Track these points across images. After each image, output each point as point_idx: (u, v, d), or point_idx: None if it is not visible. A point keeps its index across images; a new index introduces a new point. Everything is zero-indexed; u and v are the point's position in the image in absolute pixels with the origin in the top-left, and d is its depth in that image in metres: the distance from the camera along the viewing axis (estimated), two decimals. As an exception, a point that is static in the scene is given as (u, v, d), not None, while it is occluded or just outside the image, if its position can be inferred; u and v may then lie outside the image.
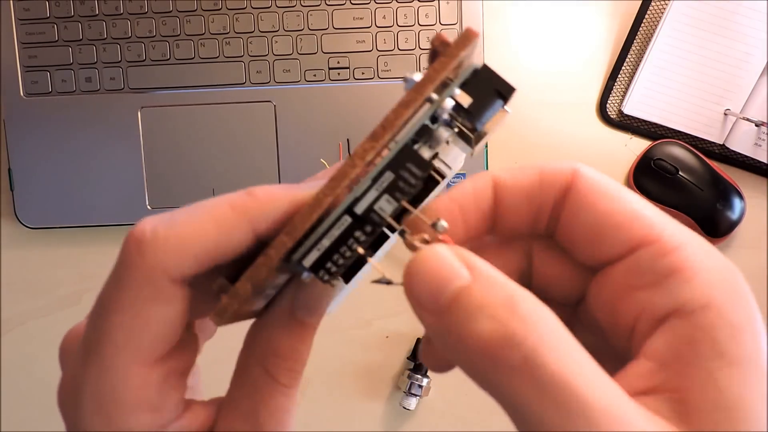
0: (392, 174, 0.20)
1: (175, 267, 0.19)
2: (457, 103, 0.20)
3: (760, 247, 0.60)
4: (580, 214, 0.20)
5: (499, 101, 0.21)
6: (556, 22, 0.59)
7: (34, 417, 0.60)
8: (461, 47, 0.20)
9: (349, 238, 0.20)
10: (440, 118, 0.21)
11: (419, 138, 0.21)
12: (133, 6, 0.57)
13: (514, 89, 0.20)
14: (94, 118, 0.57)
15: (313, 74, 0.57)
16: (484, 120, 0.21)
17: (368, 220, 0.20)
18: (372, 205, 0.20)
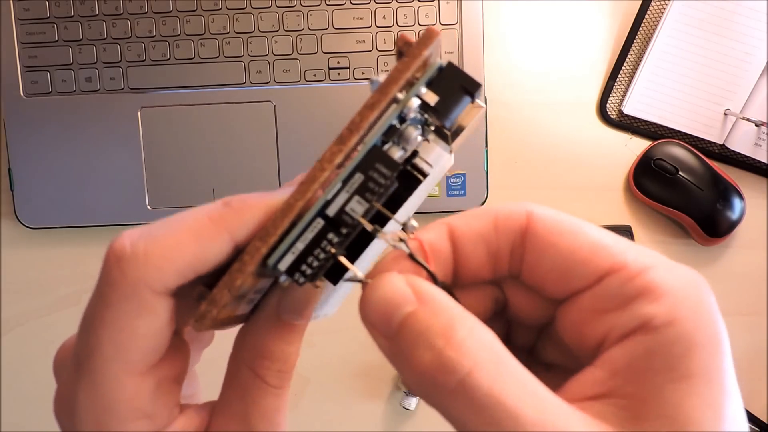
0: (362, 175, 0.20)
1: (156, 281, 0.19)
2: (424, 102, 0.21)
3: (760, 247, 0.60)
4: (543, 255, 0.20)
5: (466, 97, 0.21)
6: (556, 22, 0.59)
7: (34, 417, 0.60)
8: (423, 47, 0.20)
9: (322, 241, 0.20)
10: (408, 118, 0.21)
11: (388, 138, 0.21)
12: (133, 6, 0.57)
13: (479, 85, 0.21)
14: (94, 118, 0.57)
15: (313, 74, 0.57)
16: (452, 117, 0.21)
17: (341, 221, 0.20)
18: (343, 207, 0.20)
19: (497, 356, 0.18)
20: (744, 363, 0.60)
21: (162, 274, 0.19)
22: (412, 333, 0.18)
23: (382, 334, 0.19)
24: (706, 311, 0.18)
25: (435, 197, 0.57)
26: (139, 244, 0.20)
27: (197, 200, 0.57)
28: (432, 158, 0.23)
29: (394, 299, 0.19)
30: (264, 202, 0.21)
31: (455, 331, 0.18)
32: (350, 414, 0.60)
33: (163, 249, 0.20)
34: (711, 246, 0.59)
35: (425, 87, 0.21)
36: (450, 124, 0.21)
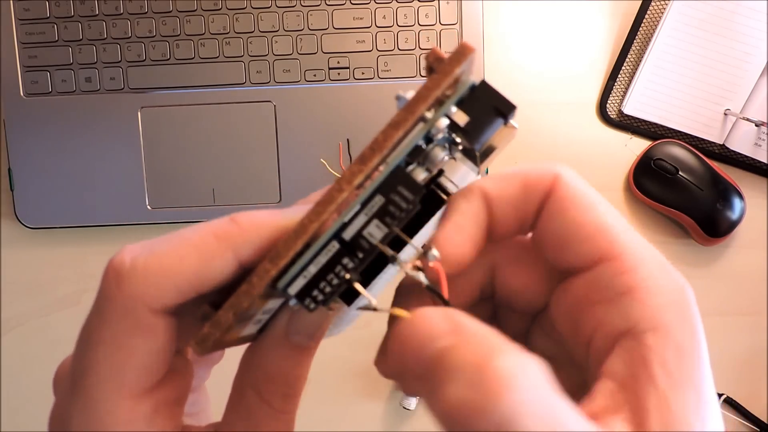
0: (382, 198, 0.19)
1: (155, 298, 0.19)
2: (453, 123, 0.19)
3: (760, 247, 0.60)
4: (553, 219, 0.20)
5: (499, 119, 0.20)
6: (556, 22, 0.59)
7: (34, 417, 0.60)
8: (455, 64, 0.19)
9: (336, 265, 0.19)
10: (435, 138, 0.20)
11: (413, 159, 0.20)
12: (133, 6, 0.57)
13: (514, 107, 0.19)
14: (94, 118, 0.57)
15: (313, 74, 0.57)
16: (482, 140, 0.20)
17: (357, 246, 0.19)
18: (361, 231, 0.19)
19: (542, 389, 0.16)
20: (744, 363, 0.60)
21: (160, 291, 0.19)
22: (446, 368, 0.16)
23: (413, 374, 0.17)
24: (688, 316, 0.19)
25: (435, 197, 0.57)
26: (138, 260, 0.19)
27: (197, 200, 0.57)
28: (458, 178, 0.22)
29: (431, 333, 0.17)
30: (274, 220, 0.20)
31: (496, 363, 0.16)
32: (350, 414, 0.60)
33: (163, 265, 0.19)
34: (711, 246, 0.59)
35: (455, 106, 0.19)
36: (479, 146, 0.20)
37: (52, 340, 0.60)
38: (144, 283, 0.18)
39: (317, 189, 0.26)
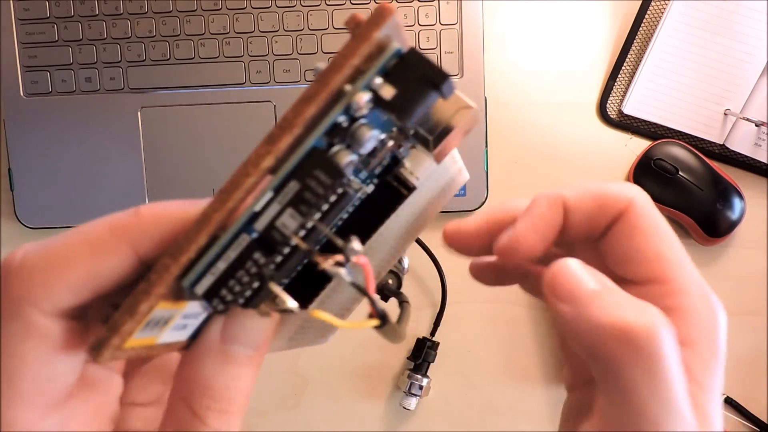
0: (297, 183, 0.17)
1: (43, 299, 0.17)
2: (377, 96, 0.17)
3: (760, 247, 0.60)
4: (621, 239, 0.23)
5: (432, 92, 0.17)
6: (556, 22, 0.59)
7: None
8: (374, 28, 0.16)
9: (247, 261, 0.17)
10: (357, 115, 0.17)
11: (335, 139, 0.17)
12: (133, 6, 0.57)
13: (446, 75, 0.17)
14: (94, 118, 0.57)
15: (313, 74, 0.57)
16: (413, 116, 0.17)
17: (270, 239, 0.17)
18: (273, 221, 0.17)
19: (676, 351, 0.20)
20: (744, 363, 0.60)
21: (50, 291, 0.17)
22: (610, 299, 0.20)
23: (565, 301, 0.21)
24: (716, 338, 0.22)
25: (435, 197, 0.57)
26: (28, 257, 0.17)
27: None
28: (422, 169, 0.20)
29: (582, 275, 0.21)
30: (178, 211, 0.18)
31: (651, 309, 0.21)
32: (350, 414, 0.60)
33: (51, 262, 0.17)
34: (711, 246, 0.59)
35: (381, 78, 0.17)
36: (411, 123, 0.17)
37: (52, 340, 0.60)
38: (30, 282, 0.16)
39: None
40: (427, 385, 0.58)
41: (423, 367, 0.58)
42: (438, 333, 0.59)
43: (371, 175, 0.20)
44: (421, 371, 0.58)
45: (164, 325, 0.18)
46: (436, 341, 0.59)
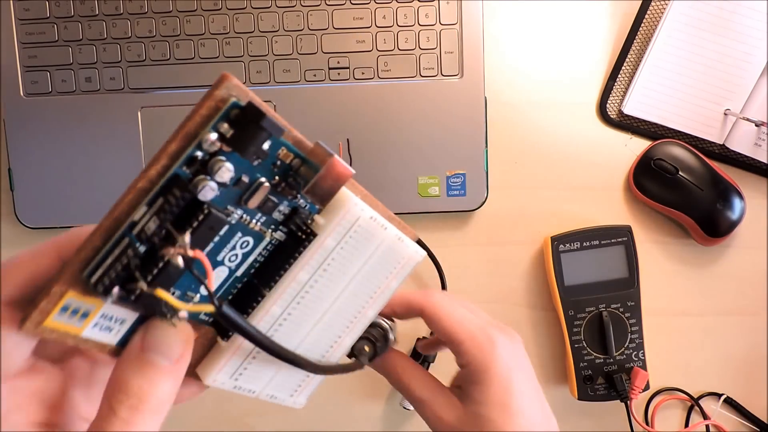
0: (162, 199, 0.22)
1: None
2: (220, 134, 0.22)
3: (760, 247, 0.60)
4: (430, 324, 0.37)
5: (260, 131, 0.22)
6: (556, 22, 0.59)
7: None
8: (215, 88, 0.22)
9: (124, 257, 0.22)
10: (208, 150, 0.23)
11: (196, 170, 0.23)
12: (133, 6, 0.57)
13: (262, 114, 0.22)
14: (94, 118, 0.57)
15: (313, 74, 0.57)
16: (248, 149, 0.22)
17: (139, 238, 0.22)
18: (143, 226, 0.22)
19: None
20: (744, 363, 0.60)
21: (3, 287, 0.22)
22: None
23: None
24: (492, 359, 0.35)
25: (435, 197, 0.57)
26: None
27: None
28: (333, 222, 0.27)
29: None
30: (86, 228, 0.23)
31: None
32: (350, 414, 0.60)
33: (5, 267, 0.22)
34: (711, 246, 0.59)
35: (226, 123, 0.22)
36: (248, 156, 0.23)
37: (52, 340, 0.60)
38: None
39: None
40: None
41: (423, 367, 0.58)
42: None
43: (274, 222, 0.26)
44: None
45: (84, 318, 0.23)
46: None
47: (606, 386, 0.57)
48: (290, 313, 0.28)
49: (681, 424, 0.60)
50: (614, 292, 0.57)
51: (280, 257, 0.27)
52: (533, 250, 0.60)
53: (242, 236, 0.26)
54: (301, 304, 0.28)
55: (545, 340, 0.60)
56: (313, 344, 0.30)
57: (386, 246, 0.30)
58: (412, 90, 0.57)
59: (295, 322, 0.29)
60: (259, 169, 0.24)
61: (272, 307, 0.28)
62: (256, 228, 0.26)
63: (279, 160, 0.25)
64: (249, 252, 0.26)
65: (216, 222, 0.23)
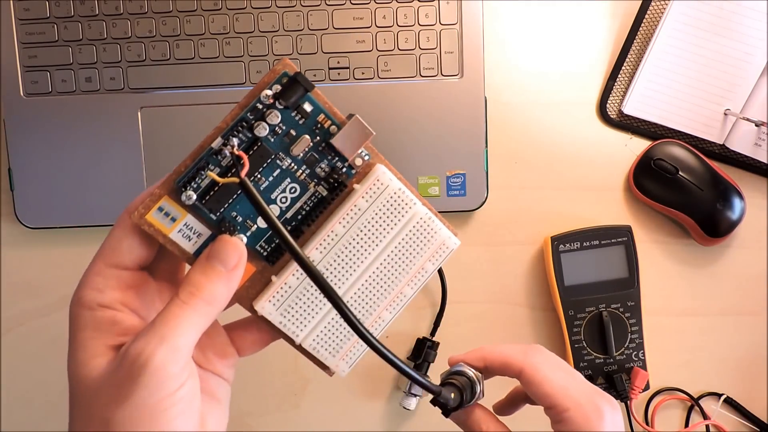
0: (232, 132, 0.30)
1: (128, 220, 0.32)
2: (275, 94, 0.30)
3: (760, 247, 0.60)
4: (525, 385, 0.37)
5: (300, 87, 0.30)
6: (556, 22, 0.59)
7: (34, 417, 0.60)
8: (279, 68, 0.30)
9: (205, 168, 0.30)
10: (265, 104, 0.30)
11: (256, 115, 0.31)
12: (133, 6, 0.57)
13: (299, 74, 0.30)
14: (94, 118, 0.57)
15: (313, 74, 0.57)
16: (290, 99, 0.30)
17: (215, 160, 0.30)
18: (222, 143, 0.30)
19: None
20: (744, 363, 0.60)
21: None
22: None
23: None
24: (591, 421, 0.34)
25: (435, 197, 0.57)
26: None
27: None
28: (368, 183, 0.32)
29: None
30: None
31: None
32: (350, 414, 0.60)
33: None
34: (711, 246, 0.59)
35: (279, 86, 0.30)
36: (292, 105, 0.30)
37: (52, 340, 0.60)
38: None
39: None
40: None
41: (423, 367, 0.58)
42: (438, 333, 0.59)
43: (317, 176, 0.32)
44: (421, 371, 0.58)
45: (173, 222, 0.31)
46: (436, 341, 0.59)
47: (606, 386, 0.57)
48: (329, 264, 0.32)
49: (681, 424, 0.60)
50: (614, 292, 0.57)
51: (321, 209, 0.32)
52: (533, 250, 0.60)
53: (290, 182, 0.32)
54: (339, 258, 0.32)
55: (545, 340, 0.60)
56: (352, 308, 0.33)
57: (418, 222, 0.33)
58: (412, 90, 0.57)
59: (334, 276, 0.32)
60: (304, 128, 0.31)
61: (312, 251, 0.32)
62: (302, 177, 0.32)
63: (319, 123, 0.31)
64: (296, 198, 0.32)
65: (264, 152, 0.31)
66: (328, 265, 0.32)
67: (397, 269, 0.33)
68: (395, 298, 0.34)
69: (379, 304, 0.34)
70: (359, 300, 0.33)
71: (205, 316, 0.28)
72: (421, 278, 0.34)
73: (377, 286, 0.33)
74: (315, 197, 0.32)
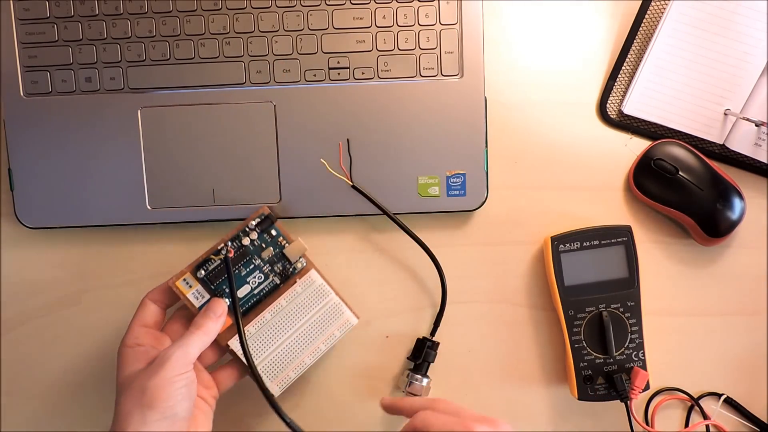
0: (227, 243, 0.54)
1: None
2: (255, 224, 0.54)
3: (760, 247, 0.60)
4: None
5: (269, 221, 0.54)
6: (556, 22, 0.59)
7: (34, 417, 0.60)
8: (253, 215, 0.54)
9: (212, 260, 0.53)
10: (249, 228, 0.54)
11: (242, 235, 0.54)
12: (133, 6, 0.57)
13: (270, 216, 0.54)
14: (94, 118, 0.57)
15: (313, 74, 0.57)
16: (264, 228, 0.54)
17: (219, 250, 0.53)
18: (222, 246, 0.53)
19: None
20: (744, 363, 0.60)
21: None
22: None
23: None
24: None
25: (435, 197, 0.57)
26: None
27: (197, 200, 0.57)
28: (303, 283, 0.55)
29: None
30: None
31: None
32: (350, 414, 0.60)
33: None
34: (711, 246, 0.59)
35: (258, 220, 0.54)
36: (264, 231, 0.54)
37: (52, 340, 0.60)
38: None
39: (317, 189, 0.58)
40: (427, 385, 0.58)
41: (423, 367, 0.58)
42: (438, 333, 0.59)
43: (275, 273, 0.55)
44: (421, 371, 0.58)
45: (189, 288, 0.52)
46: (436, 341, 0.59)
47: (606, 386, 0.57)
48: (275, 323, 0.54)
49: (681, 424, 0.60)
50: (614, 292, 0.57)
51: (275, 290, 0.55)
52: (533, 250, 0.60)
53: (259, 273, 0.54)
54: (282, 320, 0.54)
55: (545, 340, 0.60)
56: (284, 353, 0.54)
57: (332, 305, 0.55)
58: (412, 90, 0.57)
59: (277, 329, 0.54)
60: (270, 243, 0.54)
61: (266, 314, 0.54)
62: (266, 270, 0.54)
63: (279, 241, 0.55)
64: (261, 282, 0.54)
65: (246, 252, 0.54)
66: (274, 323, 0.54)
67: (315, 331, 0.54)
68: (314, 350, 0.54)
69: (302, 352, 0.54)
70: (291, 345, 0.54)
71: (203, 341, 0.49)
72: (331, 339, 0.55)
73: (302, 340, 0.54)
74: (272, 283, 0.54)
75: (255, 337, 0.53)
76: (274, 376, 0.54)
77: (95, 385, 0.60)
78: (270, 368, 0.54)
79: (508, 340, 0.60)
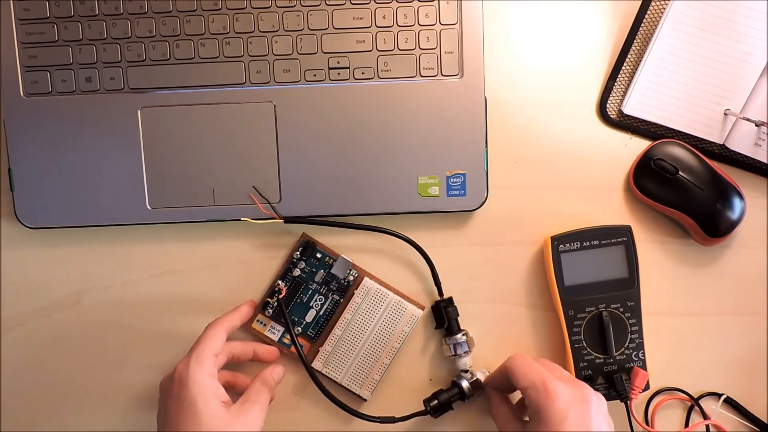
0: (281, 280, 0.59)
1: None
2: (299, 253, 0.59)
3: (760, 247, 0.60)
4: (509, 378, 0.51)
5: (312, 245, 0.58)
6: (556, 22, 0.59)
7: (34, 417, 0.60)
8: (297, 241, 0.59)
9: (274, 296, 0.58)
10: (296, 258, 0.59)
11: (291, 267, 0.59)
12: (133, 6, 0.57)
13: (313, 241, 0.58)
14: (94, 118, 0.57)
15: (313, 74, 0.57)
16: (309, 254, 0.59)
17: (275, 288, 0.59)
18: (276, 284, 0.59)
19: None
20: (744, 363, 0.60)
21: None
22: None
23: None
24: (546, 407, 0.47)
25: (435, 197, 0.57)
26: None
27: (197, 200, 0.57)
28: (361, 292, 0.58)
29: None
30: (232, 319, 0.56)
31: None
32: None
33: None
34: (711, 246, 0.59)
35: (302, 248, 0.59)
36: (310, 256, 0.58)
37: (52, 340, 0.60)
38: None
39: (317, 189, 0.58)
40: (469, 337, 0.58)
41: (453, 326, 0.58)
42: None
43: (333, 291, 0.58)
44: (454, 330, 0.58)
45: (264, 326, 0.59)
46: (447, 297, 0.58)
47: (606, 386, 0.57)
48: (347, 332, 0.58)
49: (681, 424, 0.60)
50: (614, 292, 0.57)
51: (338, 306, 0.59)
52: (533, 250, 0.60)
53: (318, 295, 0.58)
54: (352, 328, 0.58)
55: (545, 340, 0.60)
56: (363, 354, 0.58)
57: (393, 305, 0.58)
58: (412, 90, 0.57)
59: (350, 334, 0.58)
60: (318, 266, 0.58)
61: (336, 329, 0.58)
62: (323, 292, 0.58)
63: (326, 261, 0.58)
64: (323, 304, 0.58)
65: (300, 281, 0.58)
66: (346, 336, 0.58)
67: (386, 332, 0.58)
68: (390, 350, 0.58)
69: (380, 354, 0.58)
70: (368, 351, 0.58)
71: (268, 391, 0.53)
72: (403, 336, 0.58)
73: (377, 344, 0.58)
74: (333, 301, 0.58)
75: (333, 354, 0.58)
76: (362, 382, 0.58)
77: (95, 385, 0.60)
78: (356, 377, 0.58)
79: (508, 340, 0.60)
